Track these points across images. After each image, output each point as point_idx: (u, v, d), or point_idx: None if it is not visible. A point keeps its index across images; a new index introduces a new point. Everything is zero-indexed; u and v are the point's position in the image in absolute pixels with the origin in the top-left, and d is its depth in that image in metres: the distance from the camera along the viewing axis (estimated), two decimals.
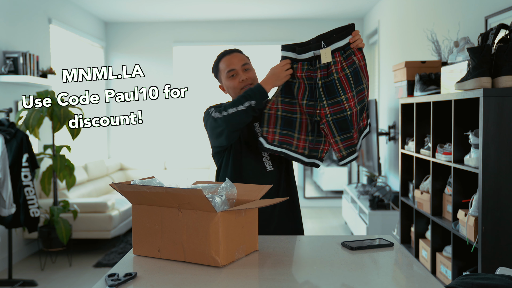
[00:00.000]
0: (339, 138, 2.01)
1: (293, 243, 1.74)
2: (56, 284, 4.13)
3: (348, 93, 1.97)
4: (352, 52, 1.97)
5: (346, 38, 1.96)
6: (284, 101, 2.03)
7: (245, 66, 2.13)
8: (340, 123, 1.99)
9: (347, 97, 1.97)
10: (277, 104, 2.03)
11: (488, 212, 2.36)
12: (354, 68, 1.98)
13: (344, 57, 1.96)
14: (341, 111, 1.97)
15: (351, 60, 1.97)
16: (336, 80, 1.95)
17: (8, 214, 3.80)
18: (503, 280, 1.50)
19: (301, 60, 1.99)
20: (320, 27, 7.41)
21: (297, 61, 1.99)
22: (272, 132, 2.04)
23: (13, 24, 4.82)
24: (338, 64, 1.95)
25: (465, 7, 3.53)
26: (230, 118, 1.95)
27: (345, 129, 2.00)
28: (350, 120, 1.99)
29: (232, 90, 2.13)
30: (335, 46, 1.95)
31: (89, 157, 6.56)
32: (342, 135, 2.01)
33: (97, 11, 6.75)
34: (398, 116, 5.16)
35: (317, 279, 1.36)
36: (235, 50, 2.18)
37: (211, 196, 1.47)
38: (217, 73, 2.20)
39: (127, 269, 1.45)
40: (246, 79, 2.11)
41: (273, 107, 2.03)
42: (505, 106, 2.31)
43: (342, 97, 1.96)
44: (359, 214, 5.14)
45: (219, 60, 2.17)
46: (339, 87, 1.95)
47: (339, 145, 2.02)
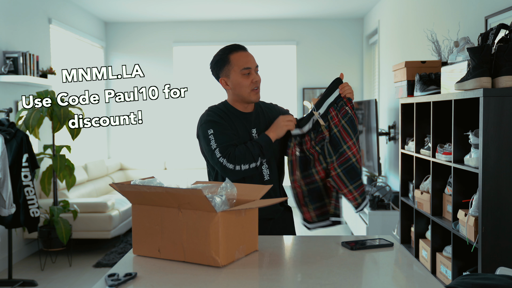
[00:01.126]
0: (352, 187, 2.08)
1: (293, 243, 1.74)
2: (56, 284, 4.13)
3: (348, 142, 2.07)
4: (344, 103, 2.09)
5: (335, 91, 2.11)
6: (305, 175, 2.11)
7: (257, 68, 2.15)
8: (349, 171, 2.07)
9: (348, 146, 2.07)
10: (300, 181, 2.11)
11: (488, 212, 2.36)
12: (348, 117, 2.08)
13: (338, 110, 2.09)
14: (346, 161, 2.07)
15: (344, 110, 2.09)
16: (337, 132, 2.07)
17: (8, 214, 3.80)
18: (503, 280, 1.50)
19: (307, 132, 2.10)
20: (320, 27, 7.41)
21: (303, 135, 2.10)
22: (307, 211, 2.13)
23: (13, 24, 4.82)
24: (335, 118, 2.08)
25: (465, 7, 3.53)
26: (241, 174, 2.00)
27: (355, 176, 2.08)
28: (356, 167, 2.08)
29: (241, 88, 2.09)
30: (328, 102, 2.10)
31: (89, 157, 6.55)
32: (354, 183, 2.08)
33: (97, 11, 6.75)
34: (398, 116, 5.16)
35: (317, 279, 1.36)
36: (246, 49, 2.16)
37: (211, 196, 1.47)
38: (223, 65, 2.11)
39: (127, 269, 1.45)
40: (257, 81, 2.12)
41: (297, 185, 2.12)
42: (505, 106, 2.31)
43: (344, 146, 2.07)
44: (359, 214, 5.14)
45: (230, 52, 2.10)
46: (340, 138, 2.07)
47: (353, 194, 2.08)
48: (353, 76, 7.44)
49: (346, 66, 7.44)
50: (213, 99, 7.64)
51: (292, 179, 2.12)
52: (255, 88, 2.11)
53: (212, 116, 2.08)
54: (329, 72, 7.45)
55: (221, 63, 2.12)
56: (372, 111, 5.28)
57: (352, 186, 2.07)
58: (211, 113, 2.11)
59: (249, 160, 1.98)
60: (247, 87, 2.09)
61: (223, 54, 2.12)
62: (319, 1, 6.34)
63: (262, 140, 2.04)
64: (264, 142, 2.04)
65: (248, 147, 2.00)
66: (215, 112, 2.11)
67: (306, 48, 7.45)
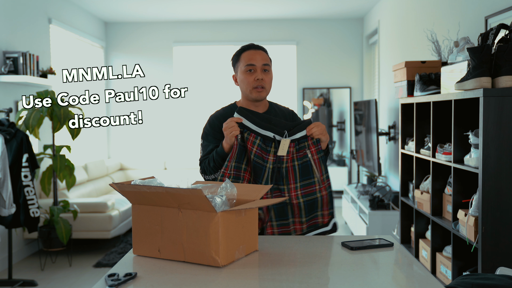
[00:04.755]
0: (276, 223, 1.99)
1: (293, 243, 1.74)
2: (56, 284, 4.13)
3: (291, 184, 1.99)
4: (306, 146, 1.99)
5: (303, 130, 2.00)
6: (236, 166, 2.00)
7: (265, 66, 2.13)
8: (279, 209, 1.99)
9: (289, 188, 1.98)
10: (230, 169, 2.00)
11: (488, 212, 2.36)
12: (304, 161, 1.99)
13: (296, 149, 1.99)
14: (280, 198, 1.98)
15: (303, 152, 1.99)
16: (284, 169, 1.98)
17: (8, 214, 3.80)
18: (503, 280, 1.50)
19: (255, 132, 1.99)
20: (320, 27, 7.41)
21: (250, 130, 1.99)
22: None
23: (13, 24, 4.82)
24: (290, 154, 1.98)
25: (465, 7, 3.53)
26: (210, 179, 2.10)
27: (282, 216, 1.99)
28: (290, 209, 1.98)
29: (245, 85, 2.12)
30: (293, 137, 1.99)
31: (89, 157, 6.55)
32: (278, 220, 1.99)
33: (97, 11, 6.75)
34: (398, 116, 5.16)
35: (317, 279, 1.36)
36: (262, 48, 2.17)
37: (211, 196, 1.47)
38: (236, 62, 2.18)
39: (127, 269, 1.45)
40: (262, 79, 2.10)
41: (226, 172, 2.00)
42: (505, 106, 2.31)
43: (284, 186, 1.99)
44: (359, 214, 5.14)
45: (243, 51, 2.15)
46: (284, 176, 1.98)
47: (273, 229, 1.99)
48: (353, 76, 7.45)
49: (346, 66, 7.44)
50: (213, 99, 7.62)
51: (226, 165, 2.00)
52: (258, 86, 2.10)
53: (207, 126, 2.20)
54: (329, 72, 7.45)
55: (235, 60, 2.20)
56: (372, 111, 5.29)
57: (276, 222, 1.99)
58: (209, 121, 2.21)
59: (210, 171, 2.08)
60: (249, 84, 2.11)
61: (238, 52, 2.18)
62: (319, 1, 6.34)
63: (217, 152, 2.06)
64: (216, 153, 2.05)
65: (209, 159, 2.09)
66: (213, 120, 2.19)
67: (306, 48, 7.45)
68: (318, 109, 7.56)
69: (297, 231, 2.02)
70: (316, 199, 2.01)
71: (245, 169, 2.00)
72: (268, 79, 2.13)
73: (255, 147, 1.97)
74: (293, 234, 2.01)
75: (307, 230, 2.04)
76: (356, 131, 6.51)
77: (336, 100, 7.61)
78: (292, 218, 1.99)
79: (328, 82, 7.48)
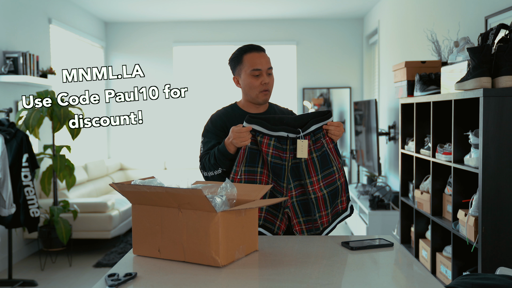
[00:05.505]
0: (302, 220, 2.00)
1: (293, 243, 1.74)
2: (56, 284, 4.13)
3: (313, 177, 1.98)
4: (322, 135, 1.99)
5: (320, 123, 1.99)
6: (248, 170, 1.98)
7: (270, 70, 2.14)
8: (304, 205, 1.99)
9: (311, 181, 1.98)
10: (240, 174, 1.98)
11: (488, 212, 2.36)
12: (322, 151, 1.99)
13: (313, 141, 1.98)
14: (304, 194, 1.98)
15: (320, 143, 1.99)
16: (303, 163, 1.97)
17: (8, 214, 3.80)
18: (503, 280, 1.50)
19: (268, 135, 1.96)
20: (320, 27, 7.41)
21: (263, 134, 1.96)
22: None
23: (13, 24, 4.82)
24: (308, 147, 1.96)
25: (465, 7, 3.53)
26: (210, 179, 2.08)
27: (308, 212, 1.99)
28: (315, 204, 1.99)
29: (250, 89, 2.12)
30: (307, 132, 1.96)
31: (89, 157, 6.55)
32: (305, 217, 2.00)
33: (97, 11, 6.75)
34: (398, 116, 5.16)
35: (317, 279, 1.36)
36: (263, 49, 2.16)
37: (212, 196, 1.47)
38: (237, 64, 2.15)
39: (127, 269, 1.45)
40: (267, 83, 2.11)
41: (236, 178, 1.98)
42: (505, 106, 2.31)
43: (307, 180, 1.98)
44: (359, 214, 5.14)
45: (245, 52, 2.13)
46: (305, 170, 1.97)
47: (301, 226, 2.00)
48: (353, 76, 7.45)
49: (346, 66, 7.44)
50: (213, 99, 7.61)
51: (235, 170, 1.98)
52: (264, 90, 2.11)
53: (209, 124, 2.19)
54: (329, 72, 7.45)
55: (235, 62, 2.17)
56: (372, 111, 5.28)
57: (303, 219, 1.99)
58: (211, 119, 2.20)
59: (210, 168, 2.06)
60: (256, 88, 2.11)
61: (238, 53, 2.16)
62: (319, 1, 6.34)
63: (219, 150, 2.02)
64: (218, 151, 2.02)
65: (209, 156, 2.07)
66: (215, 119, 2.18)
67: (306, 48, 7.45)
68: (318, 109, 7.56)
69: (324, 223, 2.02)
70: (337, 188, 2.04)
71: (261, 172, 1.99)
72: (272, 82, 2.15)
73: (271, 149, 1.96)
74: (321, 227, 2.02)
75: (332, 220, 2.05)
76: (356, 131, 6.51)
77: (336, 100, 7.61)
78: (318, 212, 2.00)
79: (328, 82, 7.48)
